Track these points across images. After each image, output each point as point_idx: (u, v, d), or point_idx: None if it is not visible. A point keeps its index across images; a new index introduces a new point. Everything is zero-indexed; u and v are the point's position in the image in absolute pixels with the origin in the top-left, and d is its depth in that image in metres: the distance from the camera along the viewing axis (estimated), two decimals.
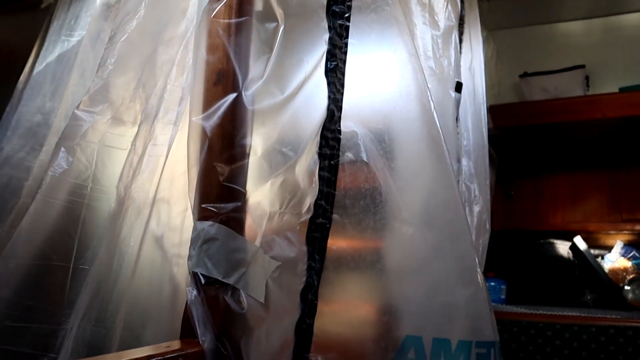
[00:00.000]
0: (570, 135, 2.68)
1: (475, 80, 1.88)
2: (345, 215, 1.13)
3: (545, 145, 2.86)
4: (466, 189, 1.75)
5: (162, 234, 1.05)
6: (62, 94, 1.39)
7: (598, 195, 2.92)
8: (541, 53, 2.88)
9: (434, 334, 1.16)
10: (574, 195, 2.96)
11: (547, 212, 3.01)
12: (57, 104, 1.40)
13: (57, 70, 1.50)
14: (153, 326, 1.02)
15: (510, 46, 2.90)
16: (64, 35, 1.55)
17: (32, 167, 1.40)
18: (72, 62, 1.40)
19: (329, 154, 1.10)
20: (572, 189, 2.97)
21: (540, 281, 2.72)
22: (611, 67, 2.76)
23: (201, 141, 0.97)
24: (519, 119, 2.56)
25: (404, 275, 1.19)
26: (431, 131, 1.22)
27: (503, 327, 2.31)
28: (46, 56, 1.58)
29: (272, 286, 1.01)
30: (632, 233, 2.91)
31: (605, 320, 2.19)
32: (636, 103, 2.35)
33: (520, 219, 3.04)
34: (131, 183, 1.06)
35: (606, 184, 2.91)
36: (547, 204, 3.01)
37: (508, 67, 2.83)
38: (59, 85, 1.44)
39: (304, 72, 1.09)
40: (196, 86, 1.00)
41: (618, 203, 2.88)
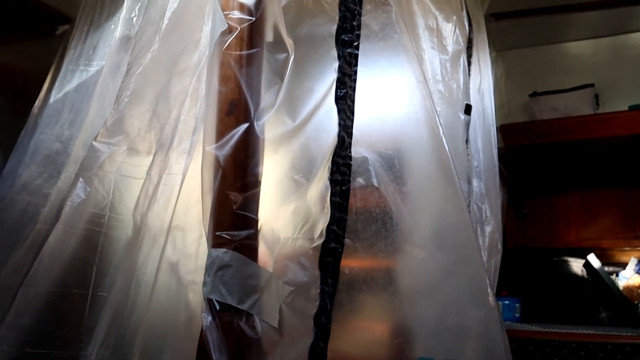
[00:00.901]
0: (581, 153, 2.69)
1: (485, 101, 1.90)
2: (357, 239, 1.15)
3: (556, 164, 2.86)
4: (477, 210, 1.76)
5: (177, 261, 1.08)
6: (82, 123, 1.42)
7: (611, 212, 2.91)
8: (550, 72, 2.89)
9: (446, 355, 1.17)
10: (587, 213, 2.96)
11: (560, 229, 3.01)
12: (75, 132, 1.44)
13: (76, 99, 1.53)
14: (170, 352, 1.04)
15: (520, 66, 2.91)
16: (82, 65, 1.59)
17: (50, 194, 1.43)
18: (92, 92, 1.44)
19: (340, 179, 1.12)
20: (584, 207, 2.96)
21: (555, 299, 2.71)
22: (620, 86, 2.77)
23: (215, 170, 0.99)
24: (530, 137, 2.57)
25: (416, 297, 1.20)
26: (440, 156, 1.24)
27: (518, 346, 2.30)
28: (64, 85, 1.61)
29: (286, 311, 1.03)
30: None
31: (621, 338, 2.18)
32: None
33: (534, 236, 3.04)
34: (147, 211, 1.08)
35: (619, 200, 2.90)
36: (560, 222, 3.01)
37: (517, 87, 2.84)
38: (78, 114, 1.48)
39: (314, 100, 1.12)
40: (209, 116, 1.03)
41: (631, 220, 2.87)
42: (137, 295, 1.04)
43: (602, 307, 2.66)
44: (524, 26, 2.79)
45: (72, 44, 1.69)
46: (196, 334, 0.97)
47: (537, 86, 2.80)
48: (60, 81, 1.64)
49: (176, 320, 1.05)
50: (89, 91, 1.43)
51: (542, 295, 2.74)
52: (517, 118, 2.83)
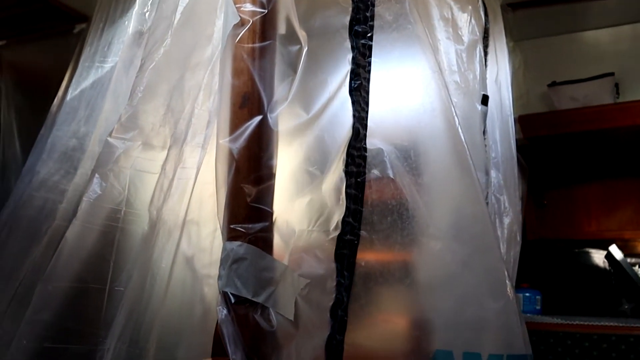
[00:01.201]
0: (601, 143, 2.65)
1: (502, 92, 1.88)
2: (373, 231, 1.14)
3: (576, 154, 2.83)
4: (495, 201, 1.74)
5: (192, 255, 1.08)
6: (97, 119, 1.43)
7: (633, 202, 2.87)
8: (569, 62, 2.85)
9: (465, 348, 1.16)
10: (608, 203, 2.92)
11: (581, 220, 2.97)
12: (91, 128, 1.44)
13: (92, 96, 1.54)
14: (186, 346, 1.05)
15: (538, 56, 2.87)
16: (97, 61, 1.59)
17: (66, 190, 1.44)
18: (106, 88, 1.44)
19: (355, 171, 1.11)
20: (606, 197, 2.92)
21: (576, 291, 2.68)
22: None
23: (229, 163, 0.99)
24: (549, 128, 2.54)
25: (433, 289, 1.20)
26: (457, 146, 1.23)
27: (539, 338, 2.28)
28: (80, 82, 1.62)
29: (302, 303, 1.02)
30: None
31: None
32: None
33: (554, 228, 3.01)
34: (162, 206, 1.09)
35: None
36: (581, 213, 2.97)
37: (536, 77, 2.80)
38: (93, 110, 1.49)
39: (328, 92, 1.11)
40: (222, 109, 1.03)
41: None
42: (152, 289, 1.05)
43: (624, 298, 2.62)
44: (542, 15, 2.75)
45: (88, 41, 1.70)
46: (211, 328, 0.98)
47: (556, 76, 2.77)
48: (77, 78, 1.65)
49: (191, 313, 1.06)
50: (104, 87, 1.44)
51: (564, 287, 2.71)
52: (536, 109, 2.79)
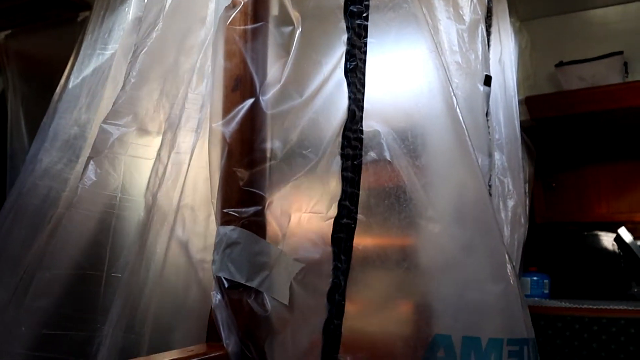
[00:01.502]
0: (610, 124, 2.61)
1: (506, 72, 1.85)
2: (370, 214, 1.13)
3: (585, 135, 2.79)
4: (499, 183, 1.72)
5: (187, 240, 1.07)
6: (97, 106, 1.42)
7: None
8: (577, 41, 2.80)
9: (464, 332, 1.15)
10: (618, 186, 2.88)
11: (590, 203, 2.94)
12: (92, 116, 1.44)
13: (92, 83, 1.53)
14: (181, 330, 1.04)
15: (545, 36, 2.83)
16: (98, 49, 1.58)
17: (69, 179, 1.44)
18: (107, 75, 1.44)
19: (351, 154, 1.10)
20: (615, 179, 2.89)
21: (585, 274, 2.66)
22: None
23: (221, 147, 0.98)
24: (557, 109, 2.50)
25: (432, 273, 1.18)
26: (455, 127, 1.21)
27: (547, 323, 2.27)
28: (82, 69, 1.62)
29: (297, 288, 1.02)
30: None
31: None
32: None
33: (563, 211, 2.98)
34: (157, 192, 1.08)
35: None
36: (590, 195, 2.94)
37: (543, 57, 2.77)
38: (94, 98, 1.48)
39: (323, 74, 1.09)
40: (215, 93, 1.02)
41: None
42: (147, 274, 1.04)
43: (634, 281, 2.60)
44: None
45: (90, 28, 1.69)
46: (206, 313, 0.97)
47: (563, 56, 2.72)
48: (79, 66, 1.64)
49: (186, 298, 1.05)
50: (104, 75, 1.43)
51: (572, 271, 2.69)
52: (544, 89, 2.75)
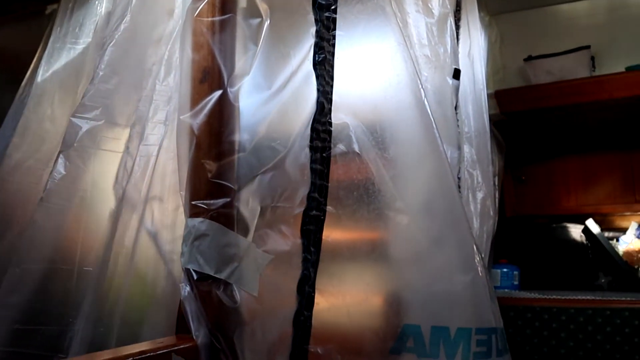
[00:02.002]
0: (578, 117, 2.65)
1: (475, 66, 1.87)
2: (340, 206, 1.14)
3: (553, 129, 2.83)
4: (469, 176, 1.74)
5: (156, 232, 1.07)
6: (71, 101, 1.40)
7: (610, 177, 2.88)
8: (546, 35, 2.83)
9: (433, 322, 1.16)
10: (587, 178, 2.93)
11: (559, 196, 2.98)
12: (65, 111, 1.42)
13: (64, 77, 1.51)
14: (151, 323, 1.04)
15: (515, 30, 2.86)
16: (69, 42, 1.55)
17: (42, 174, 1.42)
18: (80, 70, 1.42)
19: (320, 146, 1.10)
20: (584, 172, 2.93)
21: (554, 266, 2.70)
22: (617, 47, 2.71)
23: (189, 139, 0.98)
24: (526, 103, 2.53)
25: (401, 264, 1.20)
26: (423, 120, 1.22)
27: (516, 313, 2.30)
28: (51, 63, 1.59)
29: (267, 279, 1.02)
30: None
31: (620, 303, 2.17)
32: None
33: (533, 204, 3.02)
34: (126, 184, 1.07)
35: (618, 165, 2.87)
36: (559, 188, 2.98)
37: (513, 51, 2.79)
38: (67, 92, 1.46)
39: (291, 66, 1.10)
40: (183, 85, 1.01)
41: (631, 184, 2.84)
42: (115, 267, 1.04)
43: (601, 272, 2.64)
44: None
45: (58, 22, 1.66)
46: (175, 305, 0.97)
47: (532, 50, 2.75)
48: (47, 60, 1.61)
49: (155, 291, 1.05)
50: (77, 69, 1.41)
51: (542, 263, 2.73)
52: (513, 83, 2.78)
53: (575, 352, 2.20)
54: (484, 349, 1.21)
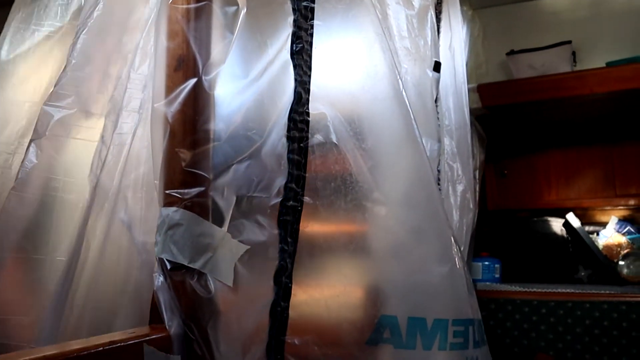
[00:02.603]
0: (559, 112, 2.66)
1: (456, 59, 1.87)
2: (317, 197, 1.13)
3: (535, 123, 2.84)
4: (449, 169, 1.74)
5: (129, 222, 1.06)
6: (35, 85, 1.38)
7: (591, 171, 2.90)
8: (528, 30, 2.85)
9: (409, 313, 1.16)
10: (568, 172, 2.95)
11: (540, 190, 3.00)
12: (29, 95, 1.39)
13: (29, 60, 1.47)
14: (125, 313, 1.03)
15: (497, 24, 2.87)
16: (33, 25, 1.50)
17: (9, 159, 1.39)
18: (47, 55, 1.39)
19: (297, 136, 1.10)
20: (565, 166, 2.95)
21: (535, 259, 2.71)
22: (598, 42, 2.73)
23: (163, 127, 0.97)
24: (508, 97, 2.54)
25: (378, 255, 1.19)
26: (401, 111, 1.21)
27: (497, 306, 2.31)
28: (14, 44, 1.53)
29: (242, 270, 1.01)
30: (627, 208, 2.90)
31: (599, 296, 2.19)
32: (623, 77, 2.33)
33: (514, 198, 3.03)
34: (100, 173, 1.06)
35: (599, 159, 2.89)
36: (540, 182, 3.00)
37: (495, 46, 2.80)
38: (30, 76, 1.42)
39: (268, 55, 1.09)
40: (157, 73, 1.00)
41: (612, 178, 2.86)
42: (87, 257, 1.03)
43: (581, 265, 2.66)
44: None
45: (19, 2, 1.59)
46: (149, 295, 0.96)
47: (514, 44, 2.76)
48: (10, 40, 1.55)
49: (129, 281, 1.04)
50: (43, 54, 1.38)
51: (523, 256, 2.74)
52: (496, 77, 2.80)
53: (555, 344, 2.22)
54: (460, 340, 1.21)
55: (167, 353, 0.89)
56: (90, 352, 0.78)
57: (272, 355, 1.05)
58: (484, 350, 1.30)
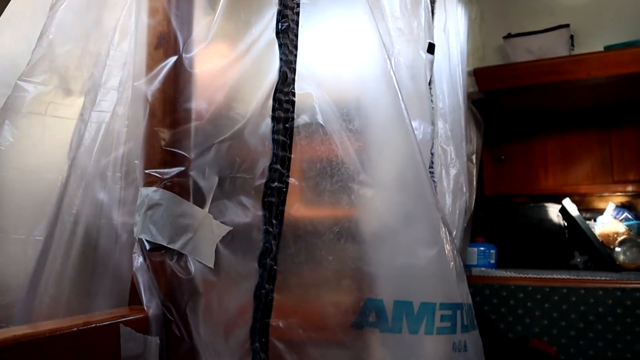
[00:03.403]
0: (556, 96, 2.64)
1: (450, 41, 1.84)
2: (302, 178, 1.12)
3: (532, 107, 2.82)
4: (442, 152, 1.72)
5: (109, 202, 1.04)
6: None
7: (589, 157, 2.89)
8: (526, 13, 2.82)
9: (396, 296, 1.15)
10: (565, 158, 2.93)
11: (538, 175, 2.98)
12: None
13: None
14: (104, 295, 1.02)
15: (495, 7, 2.83)
16: None
17: None
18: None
19: (283, 117, 1.08)
20: (563, 152, 2.94)
21: (531, 245, 2.71)
22: (596, 26, 2.70)
23: (143, 106, 0.95)
24: (505, 81, 2.52)
25: (364, 238, 1.17)
26: (389, 91, 1.19)
27: (492, 292, 2.31)
28: None
29: (225, 252, 1.00)
30: (624, 194, 2.89)
31: (594, 282, 2.19)
32: (621, 62, 2.31)
33: (512, 183, 3.02)
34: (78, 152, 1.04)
35: (597, 145, 2.87)
36: (538, 168, 2.98)
37: (493, 29, 2.78)
38: None
39: (252, 34, 1.07)
40: (138, 51, 0.98)
41: (609, 165, 2.85)
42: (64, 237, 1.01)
43: (577, 252, 2.65)
44: None
45: None
46: (129, 276, 0.95)
47: (512, 28, 2.74)
48: None
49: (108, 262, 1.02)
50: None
51: (519, 242, 2.73)
52: (493, 61, 2.77)
53: (549, 330, 2.21)
54: (448, 325, 1.20)
55: (144, 334, 0.88)
56: (63, 332, 0.76)
57: (256, 338, 1.04)
58: (474, 335, 1.29)
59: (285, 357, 1.08)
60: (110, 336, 0.83)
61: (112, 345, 0.83)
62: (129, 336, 0.85)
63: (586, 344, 2.14)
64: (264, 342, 1.05)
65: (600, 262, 2.52)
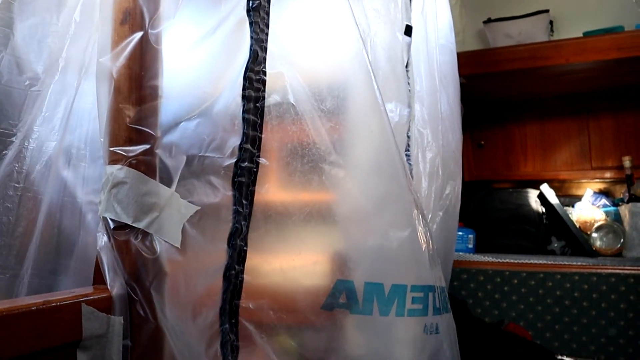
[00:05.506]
0: (536, 82, 2.65)
1: (428, 24, 1.83)
2: (273, 158, 1.10)
3: (512, 93, 2.83)
4: (419, 135, 1.71)
5: (73, 181, 1.02)
6: None
7: (568, 143, 2.90)
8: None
9: (366, 278, 1.14)
10: (544, 144, 2.95)
11: (517, 161, 3.00)
12: None
13: None
14: (69, 274, 1.00)
15: None
16: None
17: None
18: None
19: (253, 96, 1.06)
20: (542, 138, 2.95)
21: (509, 230, 2.72)
22: (576, 12, 2.70)
23: (108, 83, 0.93)
24: (484, 66, 2.52)
25: (335, 219, 1.17)
26: (362, 71, 1.18)
27: (469, 276, 2.32)
28: None
29: (192, 231, 0.98)
30: (602, 181, 2.90)
31: (570, 268, 2.20)
32: (600, 48, 2.31)
33: (492, 169, 3.03)
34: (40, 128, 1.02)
35: (575, 131, 2.89)
36: (517, 153, 3.00)
37: (473, 14, 2.77)
38: None
39: (221, 12, 1.05)
40: (103, 26, 0.96)
41: (587, 151, 2.86)
42: (27, 215, 0.99)
43: (554, 237, 2.67)
44: None
45: None
46: (93, 255, 0.93)
47: (492, 13, 2.74)
48: None
49: (74, 242, 1.01)
50: None
51: (497, 227, 2.75)
52: (473, 46, 2.77)
53: (526, 314, 2.23)
54: (419, 307, 1.20)
55: (108, 314, 0.86)
56: (21, 311, 0.75)
57: (226, 319, 1.03)
58: (446, 317, 1.29)
59: (256, 339, 1.07)
60: (71, 316, 0.81)
61: (74, 325, 0.82)
62: (91, 315, 0.83)
63: (561, 329, 2.16)
64: (234, 324, 1.04)
65: (577, 248, 2.54)
